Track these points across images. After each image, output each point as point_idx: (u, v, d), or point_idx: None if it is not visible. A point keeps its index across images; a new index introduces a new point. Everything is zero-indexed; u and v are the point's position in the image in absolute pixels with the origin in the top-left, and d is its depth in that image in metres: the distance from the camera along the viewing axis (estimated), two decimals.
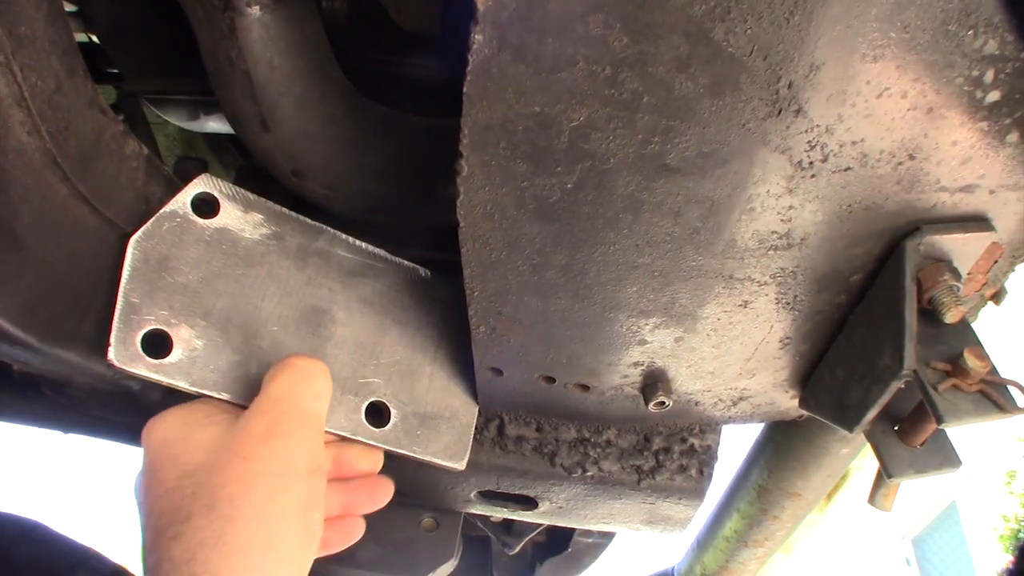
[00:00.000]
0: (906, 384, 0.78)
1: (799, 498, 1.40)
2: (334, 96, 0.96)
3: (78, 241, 0.79)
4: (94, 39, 1.37)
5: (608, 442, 1.10)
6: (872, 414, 0.83)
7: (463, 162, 0.68)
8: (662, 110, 0.63)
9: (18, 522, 1.12)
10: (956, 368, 0.76)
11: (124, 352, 0.75)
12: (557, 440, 1.10)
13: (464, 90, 0.62)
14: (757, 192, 0.70)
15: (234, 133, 1.00)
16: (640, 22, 0.57)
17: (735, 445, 1.48)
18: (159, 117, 1.47)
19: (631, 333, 0.87)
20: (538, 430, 1.10)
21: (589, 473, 1.11)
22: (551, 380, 0.97)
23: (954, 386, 0.77)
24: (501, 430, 1.10)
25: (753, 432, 1.47)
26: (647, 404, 0.96)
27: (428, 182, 1.06)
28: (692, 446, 1.10)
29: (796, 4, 0.56)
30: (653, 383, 0.95)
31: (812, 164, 0.67)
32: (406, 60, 1.24)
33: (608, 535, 2.10)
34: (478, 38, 0.58)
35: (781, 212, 0.72)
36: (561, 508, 1.19)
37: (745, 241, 0.75)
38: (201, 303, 0.80)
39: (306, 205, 1.10)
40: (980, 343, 0.79)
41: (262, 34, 0.85)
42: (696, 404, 1.02)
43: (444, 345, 0.96)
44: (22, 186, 0.70)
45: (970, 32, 0.59)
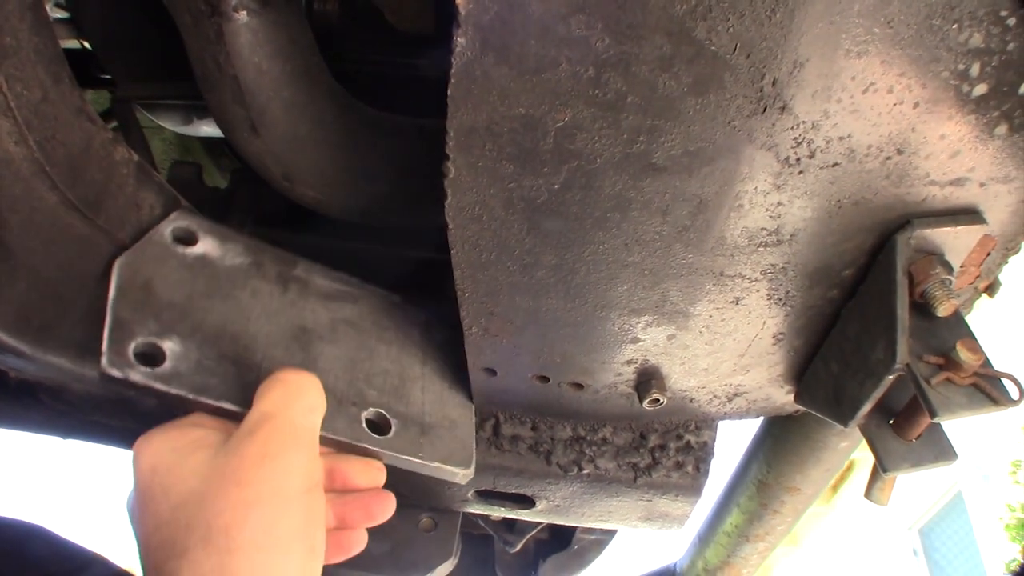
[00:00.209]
0: (899, 378, 0.78)
1: (798, 492, 1.40)
2: (323, 99, 0.96)
3: (69, 249, 0.79)
4: (87, 45, 1.37)
5: (604, 440, 1.10)
6: (866, 408, 0.83)
7: (450, 164, 0.68)
8: (647, 110, 0.62)
9: (19, 526, 1.13)
10: (949, 361, 0.76)
11: (118, 363, 0.75)
12: (553, 439, 1.10)
13: (448, 93, 0.62)
14: (745, 189, 0.70)
15: None
16: (622, 22, 0.57)
17: (734, 440, 1.48)
18: (153, 122, 1.47)
19: (623, 331, 0.87)
20: (534, 429, 1.10)
21: (585, 471, 1.11)
22: (545, 379, 0.97)
23: (947, 379, 0.76)
24: (497, 429, 1.10)
25: (752, 427, 1.47)
26: (641, 402, 0.96)
27: (420, 184, 1.06)
28: (688, 443, 1.10)
29: (778, 1, 0.56)
30: (647, 380, 0.95)
31: (799, 160, 0.67)
32: (401, 60, 1.24)
33: (610, 532, 2.10)
34: (460, 41, 0.58)
35: (770, 209, 0.72)
36: (558, 506, 1.19)
37: (735, 238, 0.75)
38: (190, 318, 0.81)
39: (300, 209, 1.10)
40: (973, 336, 0.79)
41: (249, 38, 0.85)
42: (691, 401, 1.02)
43: (429, 362, 0.97)
44: (10, 196, 0.70)
45: (955, 26, 0.59)
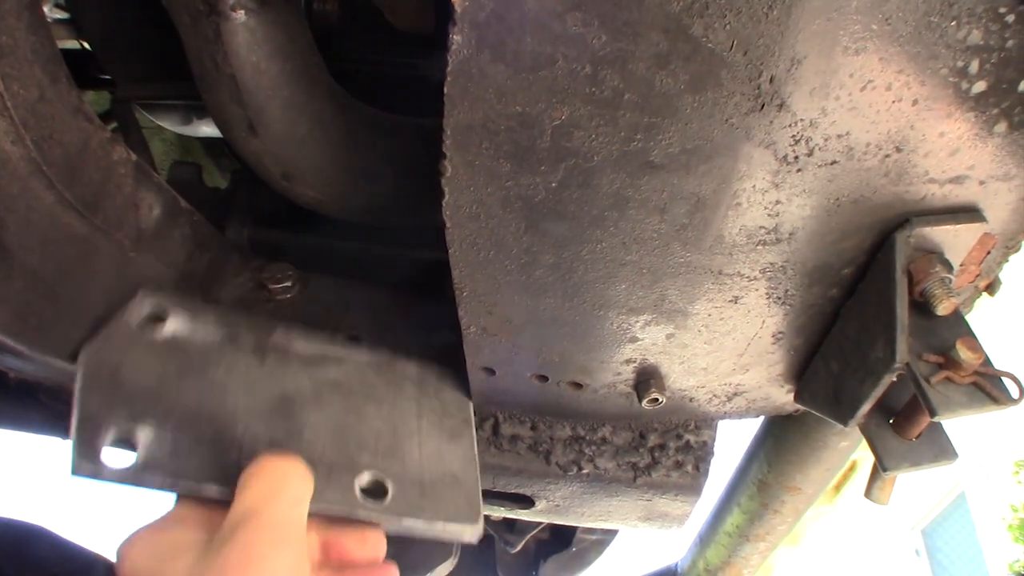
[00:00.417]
0: (899, 377, 0.78)
1: (799, 492, 1.40)
2: (322, 98, 0.96)
3: (66, 249, 0.79)
4: (86, 46, 1.38)
5: (603, 439, 1.10)
6: (866, 407, 0.82)
7: (447, 163, 0.68)
8: (644, 107, 0.62)
9: (20, 527, 1.13)
10: (949, 360, 0.76)
11: (87, 464, 0.72)
12: (552, 438, 1.10)
13: (444, 91, 0.62)
14: (743, 187, 0.69)
15: None
16: (618, 19, 0.57)
17: (734, 440, 1.48)
18: (153, 122, 1.47)
19: (622, 330, 0.87)
20: (533, 429, 1.10)
21: (585, 471, 1.10)
22: (544, 379, 0.97)
23: (947, 378, 0.76)
24: (496, 429, 1.10)
25: (752, 427, 1.47)
26: (641, 401, 0.95)
27: (419, 183, 1.06)
28: (688, 442, 1.10)
29: None
30: (646, 380, 0.95)
31: (797, 158, 0.67)
32: (400, 59, 1.24)
33: (611, 532, 2.10)
34: (456, 38, 0.58)
35: (768, 207, 0.72)
36: (558, 506, 1.19)
37: (733, 236, 0.75)
38: (162, 403, 0.78)
39: (300, 209, 1.10)
40: (973, 335, 0.78)
41: (247, 38, 0.85)
42: (690, 400, 1.01)
43: (425, 415, 0.93)
44: (7, 195, 0.70)
45: (953, 23, 0.59)
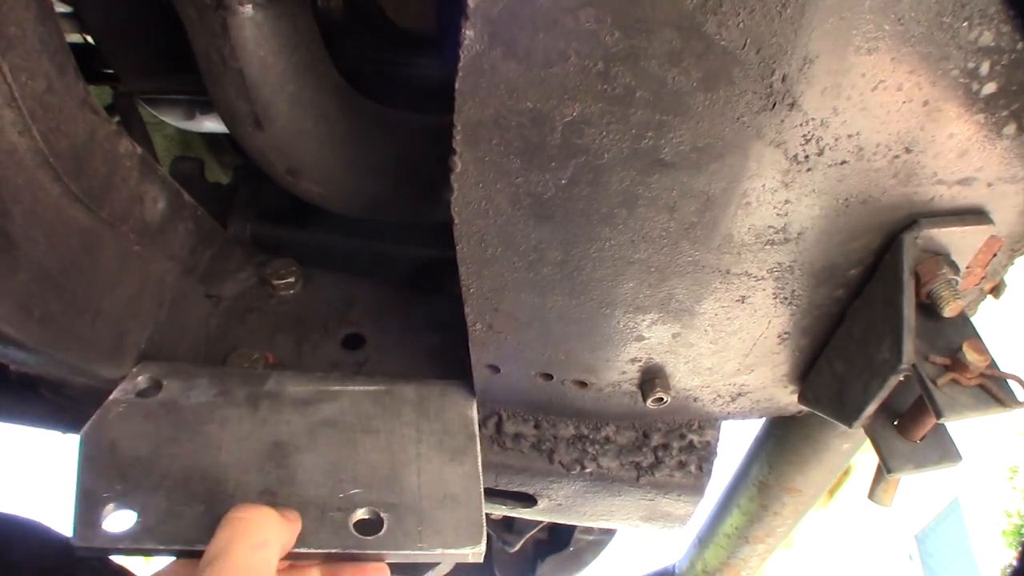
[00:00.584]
0: (905, 378, 0.78)
1: (799, 494, 1.40)
2: (328, 94, 0.96)
3: (71, 241, 0.79)
4: (89, 40, 1.37)
5: (606, 439, 1.10)
6: (871, 409, 0.82)
7: (456, 159, 0.68)
8: (655, 105, 0.62)
9: (17, 522, 1.12)
10: (955, 362, 0.76)
11: (87, 535, 0.79)
12: (555, 437, 1.10)
13: (456, 86, 0.62)
14: (753, 186, 0.69)
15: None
16: (632, 16, 0.57)
17: (736, 441, 1.48)
18: (155, 117, 1.46)
19: (628, 329, 0.87)
20: (536, 427, 1.10)
21: (588, 470, 1.10)
22: (548, 377, 0.97)
23: (953, 380, 0.76)
24: (499, 427, 1.10)
25: (754, 428, 1.47)
26: (645, 400, 0.95)
27: (424, 180, 1.06)
28: (691, 442, 1.10)
29: None
30: (651, 379, 0.94)
31: (808, 158, 0.67)
32: (403, 58, 1.24)
33: (609, 532, 2.10)
34: (469, 34, 0.58)
35: (777, 206, 0.72)
36: (560, 505, 1.19)
37: (741, 236, 0.75)
38: (156, 469, 0.84)
39: (302, 205, 1.10)
40: (979, 337, 0.79)
41: (255, 32, 0.85)
42: (695, 400, 1.01)
43: (425, 438, 0.94)
44: (13, 186, 0.70)
45: (965, 23, 0.59)
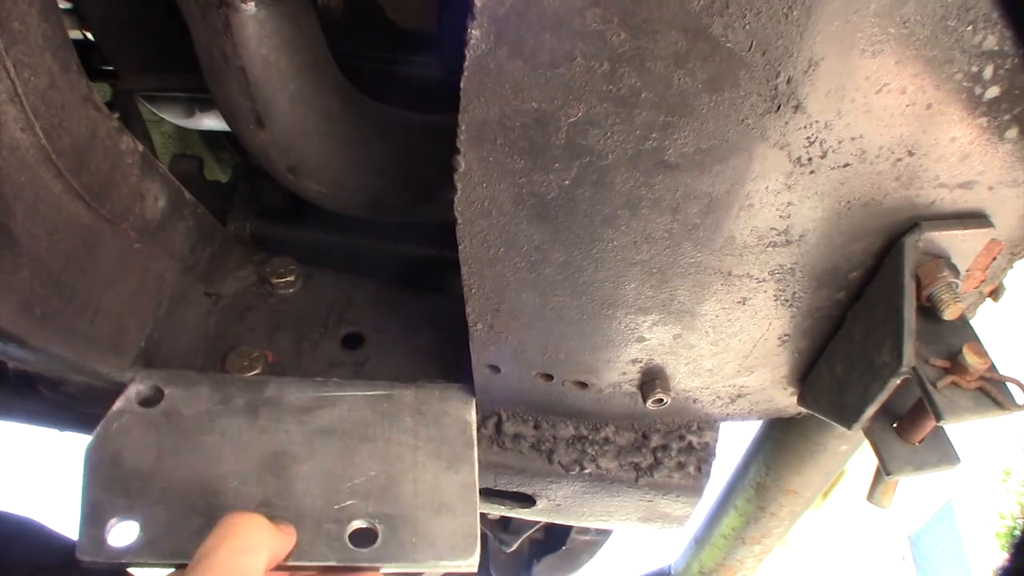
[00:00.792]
0: (905, 381, 0.78)
1: (796, 495, 1.40)
2: (330, 92, 0.96)
3: (73, 238, 0.79)
4: (89, 36, 1.37)
5: (606, 439, 1.10)
6: (871, 411, 0.83)
7: (460, 158, 0.68)
8: (660, 106, 0.62)
9: (12, 520, 1.12)
10: (955, 365, 0.76)
11: (91, 549, 0.82)
12: (555, 437, 1.10)
13: (461, 86, 0.62)
14: (756, 188, 0.69)
15: (230, 130, 1.00)
16: (638, 17, 0.56)
17: (733, 442, 1.48)
18: (155, 114, 1.46)
19: (629, 330, 0.87)
20: (536, 427, 1.10)
21: (587, 470, 1.10)
22: (549, 377, 0.97)
23: (953, 383, 0.76)
24: (499, 427, 1.10)
25: (751, 429, 1.47)
26: (645, 401, 0.95)
27: (424, 179, 1.06)
28: (690, 443, 1.10)
29: None
30: (651, 380, 0.95)
31: (811, 160, 0.67)
32: (402, 57, 1.24)
33: (605, 532, 2.10)
34: (475, 33, 0.58)
35: (780, 208, 0.72)
36: (559, 505, 1.19)
37: (744, 238, 0.75)
38: (157, 481, 0.87)
39: (301, 203, 1.10)
40: (979, 340, 0.79)
41: (257, 30, 0.85)
42: (694, 401, 1.01)
43: (423, 446, 0.95)
44: (16, 183, 0.69)
45: (969, 27, 0.59)
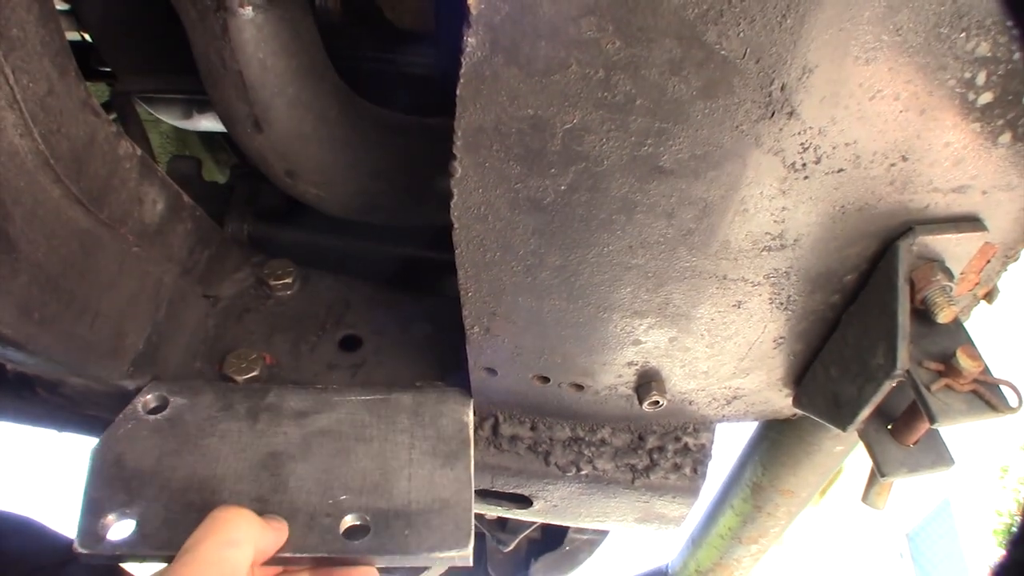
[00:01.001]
0: (899, 383, 0.78)
1: (792, 495, 1.41)
2: (328, 96, 0.96)
3: (71, 243, 0.79)
4: (86, 37, 1.37)
5: (602, 441, 1.10)
6: (865, 413, 0.83)
7: (457, 164, 0.68)
8: (655, 113, 0.62)
9: (9, 518, 1.12)
10: (949, 368, 0.77)
11: (88, 541, 0.84)
12: (551, 439, 1.10)
13: (457, 92, 0.62)
14: (751, 193, 0.70)
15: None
16: (633, 25, 0.57)
17: (729, 443, 1.49)
18: (152, 115, 1.46)
19: (625, 333, 0.87)
20: (532, 429, 1.10)
21: (583, 472, 1.11)
22: (545, 380, 0.97)
23: (947, 386, 0.77)
24: (496, 429, 1.10)
25: (747, 430, 1.48)
26: (641, 403, 0.96)
27: (422, 182, 1.06)
28: (686, 445, 1.11)
29: (789, 7, 0.56)
30: (647, 383, 0.95)
31: (805, 166, 0.68)
32: (400, 58, 1.24)
33: (602, 532, 2.10)
34: (471, 41, 0.58)
35: (774, 213, 0.72)
36: (555, 507, 1.19)
37: (739, 242, 0.75)
38: (156, 481, 0.89)
39: (299, 205, 1.10)
40: (973, 343, 0.79)
41: (255, 34, 0.85)
42: (690, 403, 1.02)
43: (419, 444, 0.96)
44: (14, 188, 0.70)
45: (962, 34, 0.59)
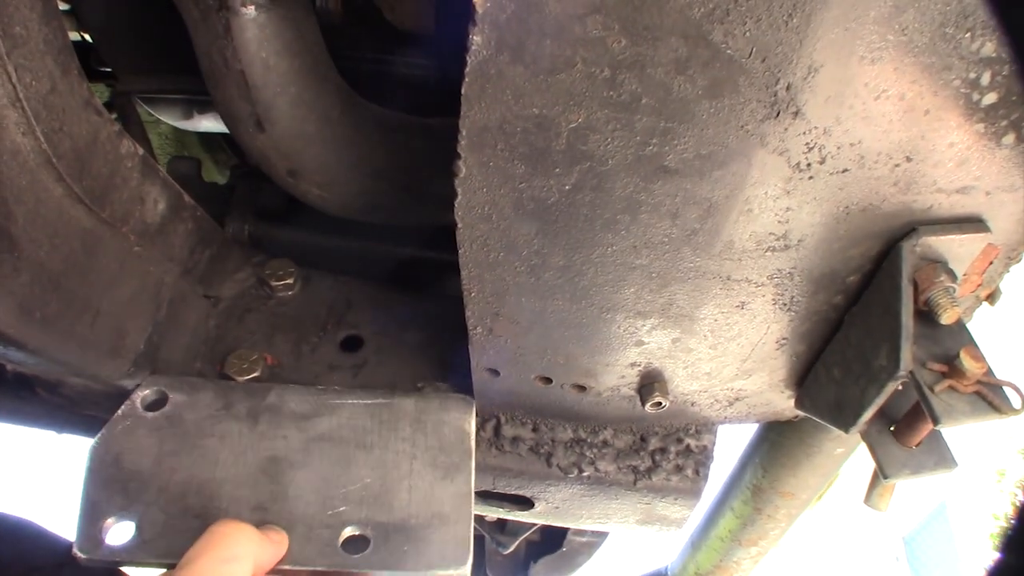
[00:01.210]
0: (902, 385, 0.78)
1: (793, 497, 1.41)
2: (330, 96, 0.96)
3: (73, 242, 0.79)
4: (87, 37, 1.36)
5: (604, 442, 1.10)
6: (868, 415, 0.83)
7: (461, 163, 0.68)
8: (660, 112, 0.62)
9: (5, 519, 1.12)
10: (952, 369, 0.77)
11: (87, 546, 0.84)
12: (553, 440, 1.10)
13: (462, 91, 0.62)
14: (755, 194, 0.70)
15: (228, 132, 1.00)
16: (639, 24, 0.57)
17: (730, 444, 1.48)
18: (151, 115, 1.46)
19: (628, 334, 0.87)
20: (534, 430, 1.10)
21: (585, 473, 1.10)
22: (548, 381, 0.97)
23: (950, 387, 0.77)
24: (497, 430, 1.10)
25: (748, 432, 1.47)
26: (644, 405, 0.96)
27: (423, 182, 1.06)
28: (688, 446, 1.11)
29: (795, 7, 0.56)
30: (650, 384, 0.95)
31: (810, 166, 0.67)
32: (400, 59, 1.24)
33: (602, 534, 2.10)
34: (476, 39, 0.58)
35: (779, 214, 0.72)
36: (557, 508, 1.19)
37: (743, 242, 0.75)
38: (155, 483, 0.88)
39: (299, 205, 1.10)
40: (976, 344, 0.79)
41: (257, 34, 0.85)
42: (692, 405, 1.02)
43: (420, 454, 0.95)
44: (17, 187, 0.69)
45: (967, 34, 0.59)
